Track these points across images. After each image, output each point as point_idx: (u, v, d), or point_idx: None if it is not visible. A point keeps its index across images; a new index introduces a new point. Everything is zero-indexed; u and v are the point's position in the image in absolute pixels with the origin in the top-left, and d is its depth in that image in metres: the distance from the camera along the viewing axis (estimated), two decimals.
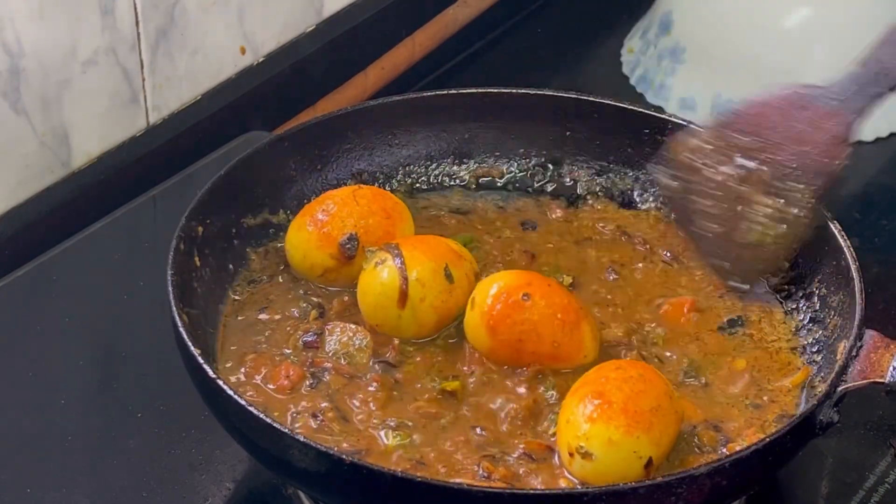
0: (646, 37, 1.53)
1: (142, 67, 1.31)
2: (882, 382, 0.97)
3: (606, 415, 0.94)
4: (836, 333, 1.02)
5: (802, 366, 1.04)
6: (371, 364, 1.02)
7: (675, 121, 1.17)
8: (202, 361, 0.95)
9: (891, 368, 0.97)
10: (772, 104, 1.08)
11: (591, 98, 1.18)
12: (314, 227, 1.09)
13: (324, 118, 1.17)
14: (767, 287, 1.10)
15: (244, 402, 0.93)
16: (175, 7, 1.32)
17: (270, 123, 1.37)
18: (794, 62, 1.44)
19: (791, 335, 1.07)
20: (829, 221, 1.06)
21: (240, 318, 1.07)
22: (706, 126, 1.10)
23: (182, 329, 0.97)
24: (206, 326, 1.04)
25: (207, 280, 1.06)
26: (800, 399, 1.01)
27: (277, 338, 1.05)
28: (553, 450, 0.97)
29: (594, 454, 0.93)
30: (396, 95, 1.19)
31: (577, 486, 0.92)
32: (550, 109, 1.19)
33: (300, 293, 1.09)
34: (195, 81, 1.37)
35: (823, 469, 1.08)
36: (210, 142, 1.33)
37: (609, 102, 1.18)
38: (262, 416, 0.92)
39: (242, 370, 1.02)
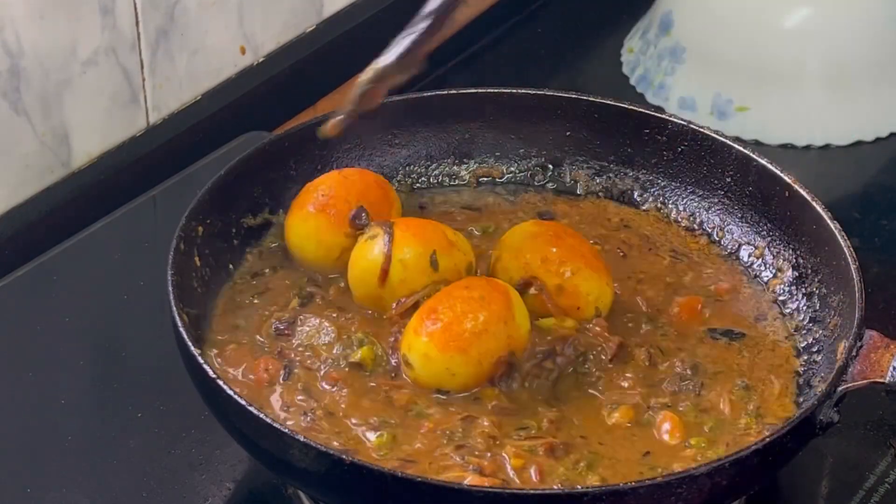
0: (646, 37, 1.53)
1: (142, 67, 1.31)
2: (882, 382, 0.97)
3: (430, 331, 0.99)
4: (836, 333, 1.02)
5: (799, 367, 1.04)
6: (334, 360, 1.02)
7: (675, 121, 1.17)
8: (202, 362, 0.95)
9: (891, 368, 0.96)
10: None
11: (591, 98, 1.18)
12: (320, 212, 1.08)
13: (323, 118, 1.16)
14: (767, 287, 1.10)
15: (244, 402, 0.93)
16: (175, 7, 1.32)
17: (270, 123, 1.37)
18: (794, 62, 1.44)
19: (790, 335, 1.07)
20: (830, 221, 1.06)
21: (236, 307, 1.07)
22: None
23: (182, 329, 0.97)
24: (206, 326, 1.04)
25: (207, 280, 1.06)
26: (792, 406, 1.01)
27: (254, 324, 1.05)
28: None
29: (413, 365, 1.00)
30: (396, 95, 1.19)
31: (577, 487, 0.92)
32: (550, 109, 1.19)
33: (298, 281, 1.09)
34: (195, 81, 1.37)
35: (823, 469, 1.08)
36: (210, 142, 1.33)
37: (609, 102, 1.18)
38: (263, 417, 0.92)
39: (219, 360, 1.02)
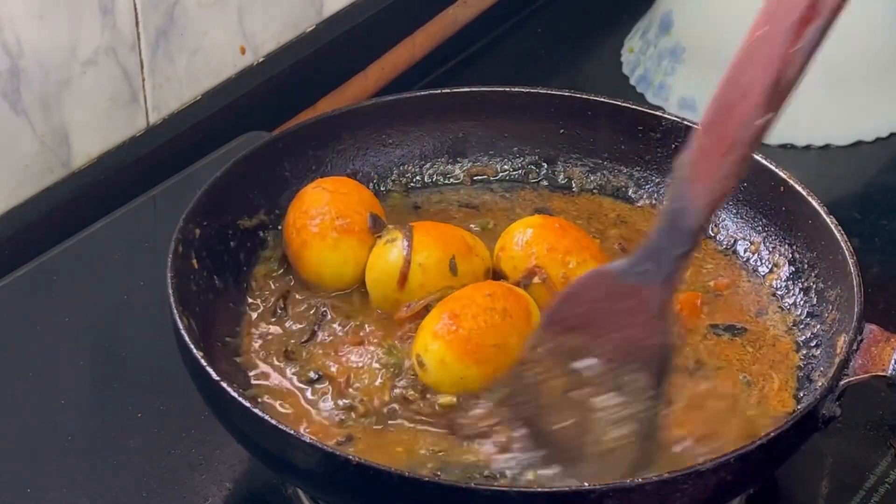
0: (646, 37, 1.53)
1: (142, 67, 1.31)
2: (884, 376, 0.97)
3: (449, 337, 0.98)
4: (835, 328, 1.02)
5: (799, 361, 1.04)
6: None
7: (668, 117, 1.17)
8: (205, 364, 0.95)
9: (892, 362, 0.96)
10: (586, 290, 0.96)
11: (585, 96, 1.18)
12: (346, 234, 1.07)
13: (318, 119, 1.17)
14: (764, 282, 1.10)
15: (248, 405, 0.93)
16: (175, 7, 1.32)
17: (270, 123, 1.37)
18: None
19: (790, 330, 1.07)
20: (825, 216, 1.06)
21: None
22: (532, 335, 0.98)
23: (183, 332, 0.97)
24: (207, 327, 1.04)
25: (206, 281, 1.06)
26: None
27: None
28: None
29: (427, 366, 0.99)
30: (390, 95, 1.19)
31: (584, 485, 0.92)
32: (544, 107, 1.19)
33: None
34: (195, 81, 1.37)
35: (823, 469, 1.08)
36: (210, 142, 1.33)
37: (602, 100, 1.18)
38: (267, 419, 0.92)
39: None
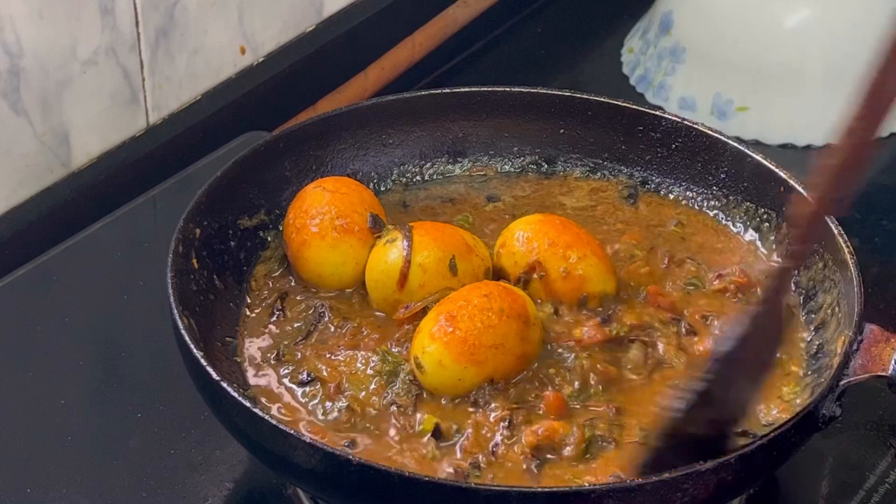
0: (646, 37, 1.53)
1: (142, 67, 1.31)
2: (884, 376, 0.97)
3: (445, 339, 0.98)
4: (836, 328, 1.02)
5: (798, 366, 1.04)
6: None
7: (669, 117, 1.17)
8: (205, 364, 0.95)
9: (892, 362, 0.96)
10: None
11: (584, 95, 1.18)
12: (346, 233, 1.07)
13: (318, 119, 1.17)
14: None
15: (248, 405, 0.93)
16: (175, 7, 1.32)
17: (270, 123, 1.37)
18: (794, 62, 1.44)
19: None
20: (826, 217, 1.06)
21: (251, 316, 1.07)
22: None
23: (183, 332, 0.97)
24: (207, 327, 1.04)
25: (206, 281, 1.06)
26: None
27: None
28: None
29: (425, 368, 0.99)
30: (390, 95, 1.19)
31: (584, 484, 0.92)
32: (544, 107, 1.19)
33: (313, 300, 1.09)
34: (195, 81, 1.37)
35: (823, 469, 1.08)
36: (210, 142, 1.33)
37: (602, 100, 1.18)
38: (267, 418, 0.92)
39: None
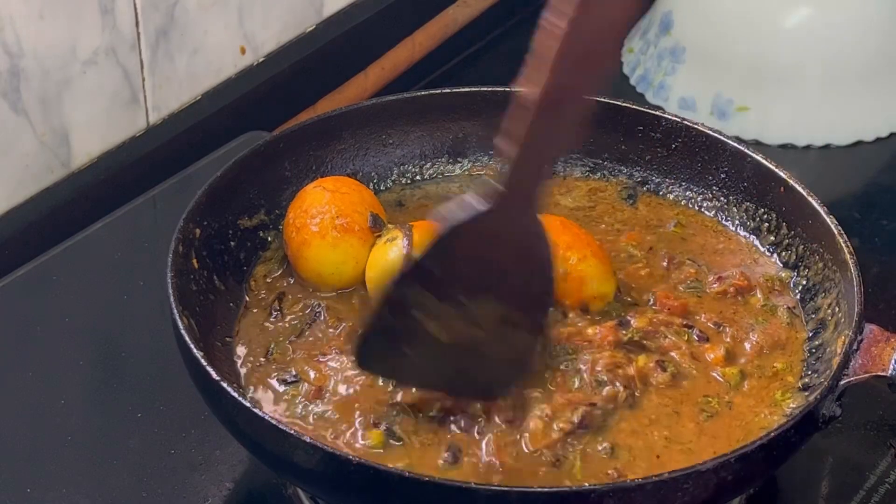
0: (646, 37, 1.53)
1: (142, 67, 1.31)
2: (884, 376, 0.97)
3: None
4: (836, 327, 1.02)
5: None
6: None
7: (669, 117, 1.17)
8: (205, 364, 0.95)
9: (892, 362, 0.96)
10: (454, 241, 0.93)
11: None
12: (346, 233, 1.08)
13: (318, 119, 1.17)
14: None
15: (248, 405, 0.93)
16: (175, 7, 1.32)
17: (270, 123, 1.37)
18: (794, 62, 1.44)
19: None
20: (826, 216, 1.06)
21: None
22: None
23: (183, 332, 0.97)
24: (207, 327, 1.04)
25: (206, 281, 1.06)
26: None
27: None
28: None
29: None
30: (390, 95, 1.19)
31: (584, 485, 0.92)
32: None
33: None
34: (195, 81, 1.37)
35: (823, 469, 1.08)
36: (210, 142, 1.33)
37: (601, 100, 1.18)
38: (267, 418, 0.92)
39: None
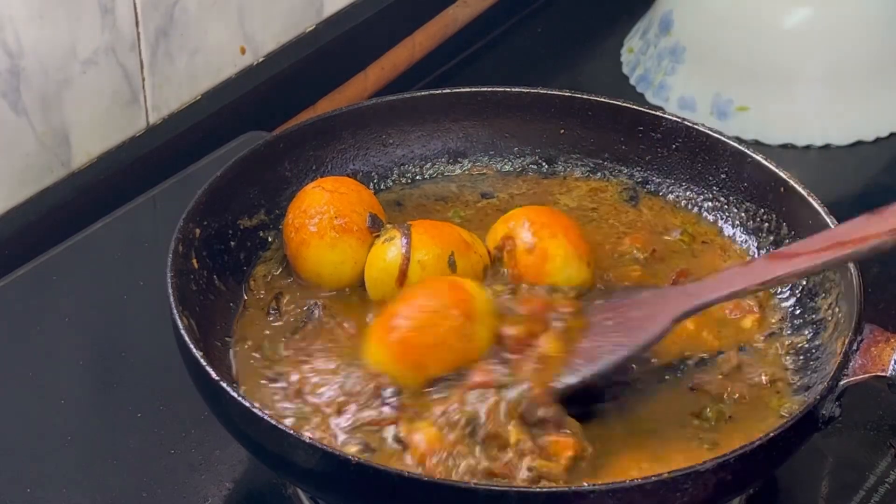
0: (646, 37, 1.53)
1: (142, 67, 1.31)
2: (884, 376, 0.96)
3: (386, 340, 0.99)
4: (836, 328, 1.02)
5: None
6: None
7: (669, 118, 1.17)
8: (205, 364, 0.95)
9: (892, 362, 0.96)
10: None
11: (585, 96, 1.18)
12: (345, 233, 1.07)
13: (318, 119, 1.17)
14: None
15: (248, 405, 0.93)
16: (175, 7, 1.32)
17: (270, 123, 1.37)
18: (794, 62, 1.44)
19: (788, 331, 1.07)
20: (826, 216, 1.06)
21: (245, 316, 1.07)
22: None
23: (183, 332, 0.97)
24: (207, 327, 1.04)
25: (206, 281, 1.06)
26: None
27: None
28: None
29: (370, 366, 0.99)
30: (390, 95, 1.19)
31: (584, 485, 0.92)
32: (544, 107, 1.18)
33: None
34: (195, 81, 1.37)
35: (823, 469, 1.08)
36: (210, 142, 1.33)
37: (602, 100, 1.18)
38: (267, 418, 0.92)
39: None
